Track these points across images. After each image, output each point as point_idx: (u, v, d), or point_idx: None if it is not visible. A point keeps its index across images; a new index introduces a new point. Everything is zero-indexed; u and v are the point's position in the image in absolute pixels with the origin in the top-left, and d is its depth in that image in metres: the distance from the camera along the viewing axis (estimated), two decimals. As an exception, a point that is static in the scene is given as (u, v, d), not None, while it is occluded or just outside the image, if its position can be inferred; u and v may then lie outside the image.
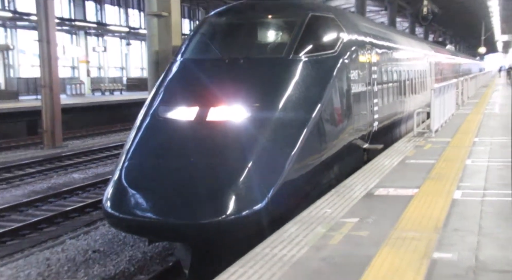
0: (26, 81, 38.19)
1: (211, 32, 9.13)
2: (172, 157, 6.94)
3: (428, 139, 12.56)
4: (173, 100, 7.87)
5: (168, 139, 7.32)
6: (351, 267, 4.73)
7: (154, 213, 6.40)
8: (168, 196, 6.45)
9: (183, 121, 7.39)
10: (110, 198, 6.71)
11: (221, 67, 8.21)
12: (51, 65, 23.03)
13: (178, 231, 6.32)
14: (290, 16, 9.05)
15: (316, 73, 8.35)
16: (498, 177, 8.48)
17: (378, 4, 45.94)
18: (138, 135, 7.51)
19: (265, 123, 7.21)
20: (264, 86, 7.81)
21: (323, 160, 7.76)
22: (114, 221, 6.72)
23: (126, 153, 7.28)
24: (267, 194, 6.39)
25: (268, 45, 8.90)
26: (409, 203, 6.83)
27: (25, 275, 9.07)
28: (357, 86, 9.56)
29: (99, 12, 45.57)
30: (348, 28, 9.79)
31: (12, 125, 26.00)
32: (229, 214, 6.10)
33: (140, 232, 7.03)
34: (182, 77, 8.51)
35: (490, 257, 4.98)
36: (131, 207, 6.51)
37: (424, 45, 22.84)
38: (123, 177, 6.84)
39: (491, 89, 38.19)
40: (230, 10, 9.78)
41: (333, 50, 8.87)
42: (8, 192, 15.27)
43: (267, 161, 6.77)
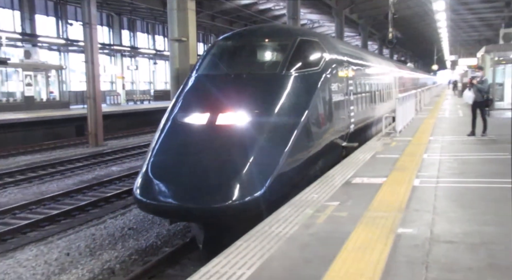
0: (76, 94, 38.10)
1: (220, 53, 9.12)
2: (188, 154, 6.94)
3: (394, 138, 12.55)
4: (189, 108, 7.84)
5: (185, 139, 7.29)
6: (333, 240, 4.74)
7: (174, 199, 6.42)
8: (185, 185, 6.46)
9: (197, 125, 7.38)
10: (139, 187, 6.74)
11: (228, 81, 8.20)
12: (94, 81, 23.04)
13: (193, 214, 6.34)
14: (283, 40, 9.02)
15: (304, 86, 8.30)
16: (448, 168, 8.48)
17: (353, 31, 45.89)
18: (161, 137, 7.51)
19: (263, 126, 7.19)
20: (262, 96, 7.81)
21: (310, 155, 7.73)
22: (142, 205, 6.72)
23: (151, 151, 7.28)
24: (265, 184, 6.41)
25: (266, 63, 8.87)
26: (379, 189, 6.83)
27: (76, 246, 9.09)
28: (337, 96, 9.46)
29: (132, 38, 45.52)
30: (329, 49, 9.73)
31: (65, 128, 26.02)
32: (234, 200, 6.14)
33: (163, 214, 7.03)
34: (196, 89, 8.48)
35: (442, 230, 5.00)
36: (156, 194, 6.53)
37: (390, 63, 22.57)
38: (149, 170, 6.84)
39: (442, 98, 38.12)
40: (235, 35, 9.78)
41: (317, 67, 8.83)
42: (62, 182, 15.28)
43: (265, 156, 6.74)
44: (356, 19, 40.02)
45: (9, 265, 8.27)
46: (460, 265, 4.10)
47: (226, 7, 35.68)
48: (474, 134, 12.58)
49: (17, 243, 9.66)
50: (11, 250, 9.22)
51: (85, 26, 22.88)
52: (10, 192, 13.77)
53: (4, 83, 29.20)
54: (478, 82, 12.50)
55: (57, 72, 33.08)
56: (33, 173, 16.39)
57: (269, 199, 6.39)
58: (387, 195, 6.52)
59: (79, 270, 8.01)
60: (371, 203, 6.11)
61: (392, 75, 20.35)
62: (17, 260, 8.50)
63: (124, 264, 8.25)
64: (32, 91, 30.17)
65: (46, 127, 24.80)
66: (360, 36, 43.63)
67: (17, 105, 28.57)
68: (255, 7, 36.65)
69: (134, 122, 30.96)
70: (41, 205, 12.31)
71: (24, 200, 12.73)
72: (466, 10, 35.09)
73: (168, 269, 7.94)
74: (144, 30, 47.98)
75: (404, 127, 14.43)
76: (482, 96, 12.46)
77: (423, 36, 55.61)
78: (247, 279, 3.89)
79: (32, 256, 8.70)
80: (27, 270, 8.06)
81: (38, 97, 31.29)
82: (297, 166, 7.25)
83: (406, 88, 25.58)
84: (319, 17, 41.34)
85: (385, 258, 4.24)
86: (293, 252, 4.45)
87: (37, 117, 24.39)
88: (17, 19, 33.65)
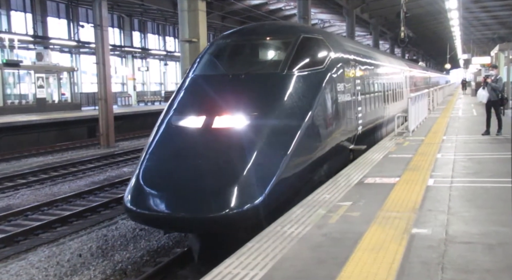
0: (87, 96, 38.39)
1: (218, 52, 8.61)
2: (183, 159, 6.51)
3: (407, 138, 12.47)
4: (185, 110, 7.42)
5: (179, 144, 6.87)
6: (346, 241, 4.70)
7: (167, 208, 5.99)
8: (179, 193, 6.05)
9: (192, 128, 6.96)
10: (129, 195, 6.31)
11: (225, 81, 7.74)
12: (106, 82, 23.17)
13: (188, 224, 5.96)
14: (285, 37, 8.54)
15: (307, 86, 7.84)
16: (462, 167, 8.39)
17: (364, 30, 45.69)
18: (154, 141, 7.10)
19: (262, 130, 6.75)
20: (262, 97, 7.38)
21: (313, 160, 7.31)
22: (133, 215, 6.30)
23: (143, 156, 6.86)
24: (264, 191, 5.99)
25: (266, 62, 8.37)
26: (392, 189, 6.78)
27: (88, 247, 9.12)
28: (343, 96, 8.97)
29: (143, 40, 45.71)
30: (335, 47, 9.25)
31: (77, 130, 26.18)
32: (231, 209, 5.74)
33: (156, 224, 6.60)
34: (192, 90, 8.05)
35: (457, 231, 4.94)
36: (147, 203, 6.11)
37: (400, 62, 21.96)
38: (141, 176, 6.41)
39: (455, 97, 37.84)
40: (234, 33, 9.29)
41: (321, 66, 8.36)
42: (74, 183, 15.36)
43: (264, 162, 6.32)
44: (367, 19, 39.84)
45: (21, 267, 8.31)
46: (477, 266, 4.03)
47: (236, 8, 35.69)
48: (489, 133, 12.46)
49: (29, 244, 9.71)
50: (24, 251, 9.28)
51: (96, 28, 23.02)
52: (23, 194, 13.87)
53: (17, 86, 29.45)
54: (493, 81, 12.39)
55: (69, 74, 33.30)
56: (45, 174, 16.49)
57: (269, 206, 5.99)
58: (401, 195, 6.46)
59: (91, 271, 8.03)
60: (384, 203, 6.05)
61: (403, 74, 19.81)
62: (29, 262, 8.54)
63: (136, 265, 8.26)
64: (44, 93, 30.40)
65: (58, 129, 24.96)
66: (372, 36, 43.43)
67: (29, 107, 28.80)
68: (266, 7, 36.62)
69: (145, 124, 31.01)
70: (53, 206, 12.37)
71: (36, 201, 12.81)
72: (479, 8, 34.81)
73: (179, 270, 7.93)
74: (154, 31, 48.19)
75: (417, 127, 14.33)
76: (497, 95, 12.35)
77: (436, 34, 55.22)
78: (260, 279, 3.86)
79: (44, 257, 8.73)
80: (40, 271, 8.09)
81: (50, 99, 31.52)
82: (300, 171, 6.84)
83: (418, 87, 25.17)
84: (330, 17, 41.22)
85: (399, 259, 4.18)
86: (305, 253, 4.41)
87: (49, 119, 24.56)
88: (29, 21, 33.96)
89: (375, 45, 41.38)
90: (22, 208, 11.95)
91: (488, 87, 12.40)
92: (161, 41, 48.77)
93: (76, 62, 39.30)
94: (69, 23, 37.61)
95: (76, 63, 39.26)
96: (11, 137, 22.14)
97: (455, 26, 38.04)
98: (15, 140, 22.23)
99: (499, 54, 24.79)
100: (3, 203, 12.81)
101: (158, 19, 45.14)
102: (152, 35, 47.91)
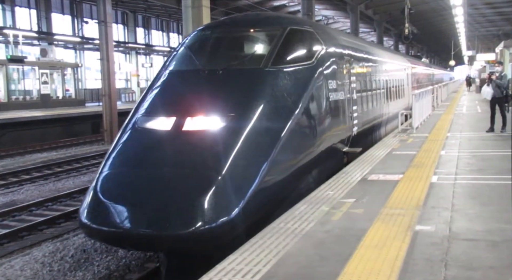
0: (91, 92, 38.48)
1: (195, 45, 7.81)
2: (146, 167, 5.73)
3: (410, 134, 12.43)
4: (153, 111, 6.61)
5: (144, 149, 6.08)
6: (350, 237, 4.69)
7: (128, 223, 5.19)
8: (141, 206, 5.25)
9: (160, 131, 6.14)
10: (85, 208, 5.55)
11: (200, 78, 6.95)
12: (110, 78, 23.20)
13: (152, 242, 5.16)
14: (270, 29, 7.78)
15: (293, 83, 7.07)
16: (466, 164, 8.37)
17: (368, 27, 45.57)
18: (116, 146, 6.30)
19: (239, 133, 5.91)
20: (240, 96, 6.56)
21: (300, 166, 6.57)
22: (89, 231, 5.50)
23: (103, 163, 6.09)
24: (239, 204, 5.24)
25: (248, 56, 7.49)
26: (395, 186, 6.75)
27: (92, 243, 9.10)
28: (335, 94, 8.18)
29: (147, 36, 45.73)
30: (326, 41, 8.46)
31: (81, 126, 26.26)
32: (200, 225, 4.96)
33: (116, 242, 5.68)
34: (163, 88, 7.19)
35: (461, 228, 4.92)
36: (105, 218, 5.32)
37: (402, 58, 21.18)
38: (99, 187, 5.65)
39: (459, 94, 37.74)
40: (215, 24, 8.53)
41: (310, 61, 7.57)
42: (78, 179, 15.40)
43: (241, 169, 5.57)
44: (372, 15, 39.74)
45: (26, 262, 8.34)
46: (481, 263, 4.02)
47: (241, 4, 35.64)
48: (493, 130, 12.42)
49: (33, 239, 9.75)
50: (28, 246, 9.31)
51: (101, 24, 23.06)
52: (27, 189, 13.92)
53: (21, 81, 29.54)
54: (497, 78, 12.34)
55: (73, 70, 33.39)
56: (49, 170, 16.54)
57: (247, 220, 5.28)
58: (404, 191, 6.45)
59: (95, 266, 8.05)
60: (388, 200, 6.04)
61: (405, 71, 18.95)
62: (33, 257, 8.58)
63: (139, 260, 8.28)
64: (48, 89, 30.49)
65: (62, 125, 25.03)
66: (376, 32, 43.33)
67: (34, 103, 28.89)
68: (269, 4, 36.54)
69: (149, 120, 31.05)
70: (57, 202, 12.41)
71: (41, 196, 12.85)
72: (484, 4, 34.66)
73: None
74: (158, 27, 48.20)
75: (421, 124, 14.29)
76: (501, 92, 12.30)
77: (440, 31, 55.03)
78: (263, 276, 3.86)
79: (48, 252, 8.77)
80: (44, 266, 8.13)
81: (54, 95, 31.61)
82: (284, 178, 6.12)
83: (421, 84, 24.79)
84: (334, 13, 41.09)
85: (403, 256, 4.17)
86: (309, 249, 4.41)
87: (53, 115, 24.63)
88: (34, 17, 34.03)
89: (379, 42, 41.30)
90: (27, 203, 12.00)
91: (493, 84, 12.36)
92: (165, 38, 48.78)
93: (80, 58, 39.36)
94: (73, 19, 37.67)
95: (80, 59, 39.33)
96: (15, 133, 22.22)
97: (459, 23, 37.89)
98: (20, 136, 22.31)
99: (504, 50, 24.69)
100: (7, 198, 12.86)
101: (162, 15, 45.12)
102: (156, 32, 47.93)
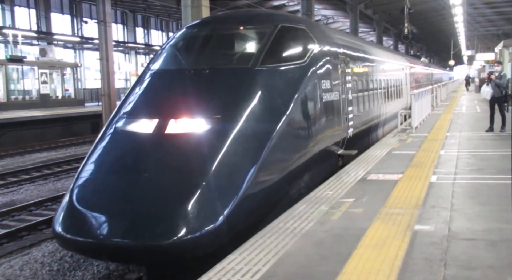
0: (90, 91, 38.47)
1: (182, 44, 7.52)
2: (125, 173, 5.38)
3: (410, 134, 12.43)
4: (135, 112, 6.27)
5: (123, 154, 5.74)
6: (349, 237, 4.69)
7: (103, 233, 4.81)
8: (119, 215, 4.94)
9: (141, 134, 5.79)
10: (59, 216, 5.20)
11: (186, 78, 6.58)
12: (109, 78, 23.19)
13: (130, 253, 4.82)
14: (260, 27, 7.42)
15: (283, 84, 6.74)
16: (465, 164, 8.37)
17: (368, 26, 45.60)
18: (95, 150, 5.95)
19: (225, 136, 5.58)
20: (227, 97, 6.20)
21: (290, 170, 6.23)
22: (63, 242, 5.15)
23: (81, 169, 5.76)
24: (223, 212, 4.92)
25: (236, 55, 7.16)
26: (395, 186, 6.76)
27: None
28: (329, 95, 7.86)
29: (146, 36, 45.73)
30: (320, 39, 8.14)
31: (80, 126, 26.25)
32: (181, 236, 4.63)
33: (92, 254, 5.27)
34: (146, 88, 6.81)
35: (460, 228, 4.93)
36: (81, 228, 4.98)
37: (400, 57, 20.84)
38: (74, 194, 5.33)
39: (459, 94, 37.76)
40: (202, 22, 8.20)
41: (302, 60, 7.23)
42: (77, 178, 15.36)
43: (225, 176, 5.25)
44: (371, 14, 39.75)
45: (25, 262, 8.34)
46: (480, 262, 4.03)
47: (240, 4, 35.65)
48: (492, 130, 12.43)
49: (33, 239, 9.74)
50: (27, 246, 9.31)
51: (100, 24, 23.05)
52: (26, 189, 13.91)
53: (20, 81, 29.54)
54: (497, 78, 12.37)
55: (72, 70, 33.38)
56: (48, 170, 16.53)
57: (230, 231, 4.96)
58: (404, 191, 6.45)
59: (95, 266, 8.05)
60: (387, 199, 6.04)
61: (403, 70, 18.61)
62: (33, 257, 8.57)
63: (139, 260, 8.27)
64: (47, 89, 30.49)
65: (61, 124, 25.03)
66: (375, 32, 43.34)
67: (33, 103, 28.88)
68: (269, 3, 36.56)
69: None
70: (57, 202, 12.40)
71: (40, 196, 12.84)
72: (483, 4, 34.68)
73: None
74: (158, 27, 48.21)
75: (420, 124, 14.29)
76: (501, 91, 12.32)
77: (440, 31, 55.05)
78: (263, 275, 3.86)
79: (48, 252, 8.76)
80: (43, 266, 8.13)
81: (54, 95, 31.61)
82: (272, 185, 5.79)
83: (420, 84, 24.60)
84: (333, 13, 41.11)
85: (402, 255, 4.18)
86: (308, 249, 4.41)
87: (53, 115, 24.62)
88: (33, 17, 34.04)
89: (379, 41, 41.32)
90: (26, 203, 11.99)
91: (492, 83, 12.38)
92: (165, 37, 48.77)
93: (79, 58, 39.38)
94: (72, 19, 37.69)
95: (80, 59, 39.35)
96: (15, 133, 22.21)
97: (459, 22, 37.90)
98: (19, 136, 22.30)
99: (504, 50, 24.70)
100: (7, 198, 12.86)
101: (161, 15, 45.13)
102: (156, 31, 47.95)
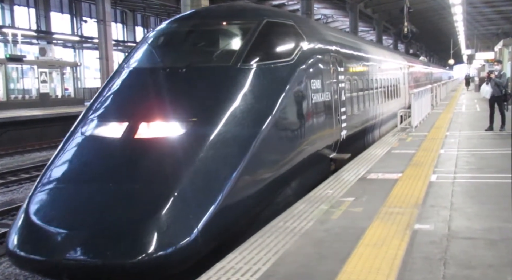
0: (90, 91, 38.46)
1: (159, 40, 7.00)
2: (88, 183, 4.88)
3: (409, 133, 12.43)
4: (104, 115, 5.78)
5: (88, 161, 5.25)
6: (349, 236, 4.69)
7: (62, 252, 4.27)
8: (80, 230, 4.39)
9: (109, 139, 5.29)
10: (14, 232, 4.63)
11: (160, 77, 6.05)
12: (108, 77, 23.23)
13: (91, 274, 4.27)
14: (244, 22, 6.90)
15: (268, 83, 6.19)
16: (465, 163, 8.37)
17: (368, 25, 45.62)
18: (57, 157, 5.43)
19: (201, 141, 5.10)
20: (204, 98, 5.71)
21: (275, 177, 5.75)
22: (18, 261, 4.58)
23: (40, 178, 5.23)
24: (196, 226, 4.41)
25: (216, 52, 6.59)
26: (394, 185, 6.75)
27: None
28: (319, 95, 7.38)
29: (146, 35, 45.83)
30: (309, 36, 7.61)
31: (79, 125, 26.21)
32: (150, 253, 4.15)
33: (50, 274, 4.54)
34: (118, 88, 6.26)
35: (460, 227, 4.92)
36: (36, 245, 4.45)
37: (398, 56, 20.39)
38: (31, 207, 4.77)
39: (459, 93, 37.76)
40: (183, 17, 7.73)
41: (289, 58, 6.70)
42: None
43: (200, 185, 4.77)
44: (371, 14, 39.76)
45: (25, 261, 8.34)
46: (480, 261, 4.03)
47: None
48: (492, 129, 12.44)
49: (33, 238, 9.74)
50: (27, 245, 9.31)
51: (100, 23, 23.11)
52: (26, 188, 13.91)
53: (20, 80, 29.54)
54: (496, 77, 12.37)
55: (72, 69, 33.36)
56: (48, 169, 16.52)
57: (207, 245, 4.50)
58: (403, 190, 6.45)
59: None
60: (387, 198, 6.04)
61: (401, 70, 18.15)
62: (33, 256, 8.56)
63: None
64: (47, 88, 30.47)
65: (61, 124, 24.97)
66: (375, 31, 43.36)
67: (33, 102, 28.87)
68: (269, 2, 36.55)
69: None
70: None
71: (40, 196, 12.84)
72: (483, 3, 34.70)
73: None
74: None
75: (420, 123, 14.29)
76: (500, 90, 12.32)
77: (439, 30, 55.11)
78: (262, 275, 3.86)
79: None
80: (43, 265, 8.12)
81: (53, 94, 31.59)
82: (255, 193, 5.32)
83: (419, 83, 24.39)
84: (333, 12, 41.13)
85: (402, 254, 4.18)
86: (308, 248, 4.41)
87: (52, 114, 24.61)
88: (33, 16, 34.04)
89: (378, 40, 41.33)
90: (26, 202, 11.99)
91: (492, 82, 12.39)
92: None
93: (79, 57, 39.40)
94: (72, 18, 37.69)
95: (79, 58, 39.38)
96: (14, 132, 22.20)
97: (459, 21, 37.95)
98: (19, 135, 22.29)
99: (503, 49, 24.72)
100: (6, 197, 12.87)
101: (161, 14, 45.10)
102: (155, 30, 47.98)
